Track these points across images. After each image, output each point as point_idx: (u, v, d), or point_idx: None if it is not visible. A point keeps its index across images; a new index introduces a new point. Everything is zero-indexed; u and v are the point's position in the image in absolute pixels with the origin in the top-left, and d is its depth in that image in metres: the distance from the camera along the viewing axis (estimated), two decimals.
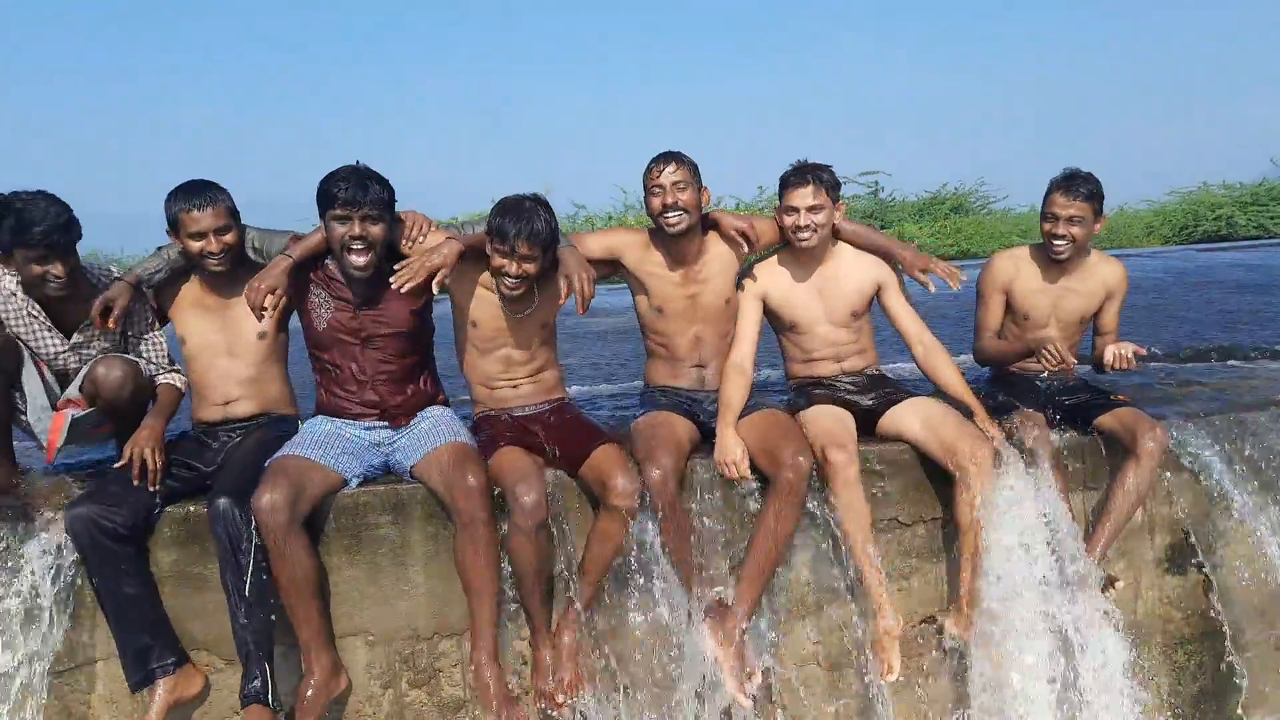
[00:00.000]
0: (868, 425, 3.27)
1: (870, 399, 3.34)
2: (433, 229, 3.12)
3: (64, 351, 3.06)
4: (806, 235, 3.25)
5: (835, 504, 3.01)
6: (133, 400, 2.98)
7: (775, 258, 3.44)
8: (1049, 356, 3.22)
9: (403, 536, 2.96)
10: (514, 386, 3.21)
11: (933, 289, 3.35)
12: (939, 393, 3.33)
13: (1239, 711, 3.50)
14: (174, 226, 3.01)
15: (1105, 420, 3.32)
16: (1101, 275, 3.58)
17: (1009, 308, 3.62)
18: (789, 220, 3.26)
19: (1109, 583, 3.25)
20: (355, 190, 2.87)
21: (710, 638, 2.95)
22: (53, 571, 2.78)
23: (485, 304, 3.12)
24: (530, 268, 2.98)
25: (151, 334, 3.18)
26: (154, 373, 3.15)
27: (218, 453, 3.07)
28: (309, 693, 2.76)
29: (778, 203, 3.36)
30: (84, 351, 3.08)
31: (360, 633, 2.97)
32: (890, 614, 3.05)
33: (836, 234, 3.40)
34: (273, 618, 2.76)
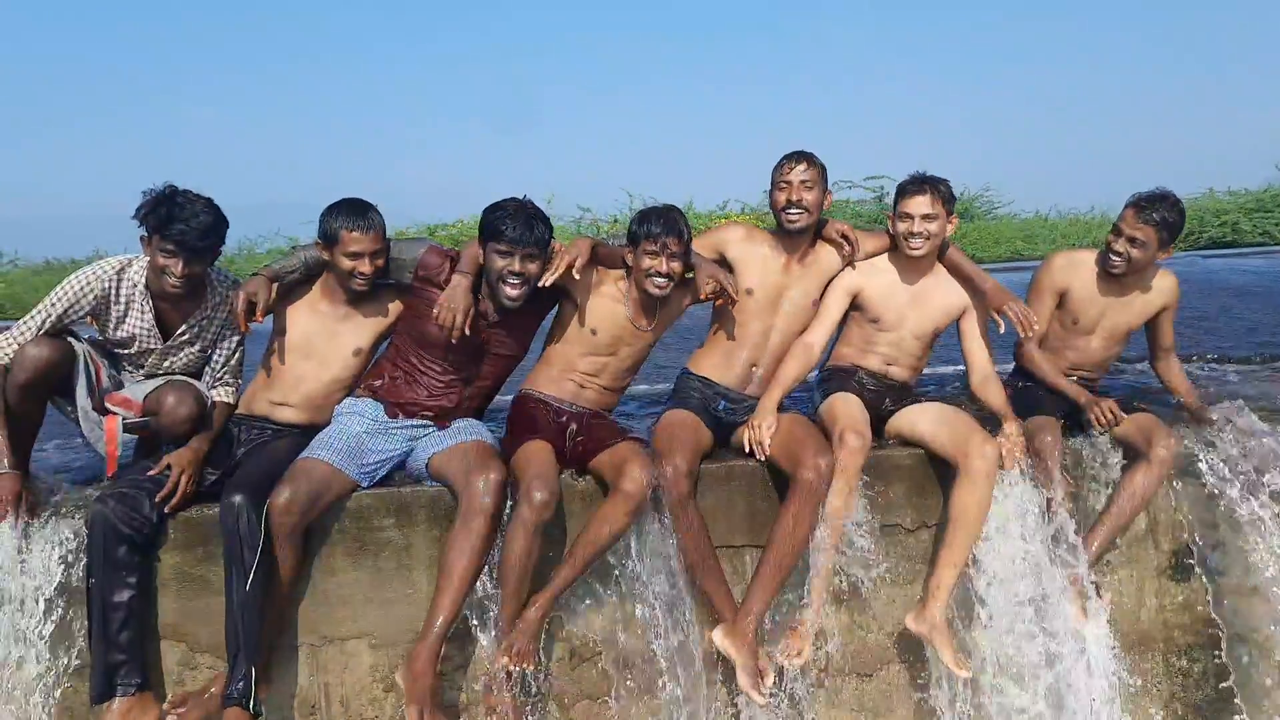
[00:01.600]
0: (876, 430, 3.29)
1: (891, 404, 3.39)
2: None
3: (155, 351, 3.08)
4: (919, 243, 3.29)
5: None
6: (186, 435, 2.99)
7: (881, 258, 3.47)
8: (1099, 419, 3.29)
9: (406, 540, 2.97)
10: (582, 386, 3.27)
11: (1002, 329, 3.37)
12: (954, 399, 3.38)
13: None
14: (330, 240, 3.05)
15: (1120, 425, 3.32)
16: (1157, 288, 3.56)
17: (1058, 307, 3.59)
18: (903, 226, 3.31)
19: (1095, 591, 3.24)
20: (523, 230, 2.99)
21: (725, 637, 2.97)
22: (58, 573, 2.80)
23: (611, 315, 3.24)
24: (677, 266, 3.14)
25: (236, 345, 3.17)
26: (212, 385, 3.14)
27: (239, 447, 3.09)
28: (207, 694, 2.82)
29: (890, 210, 3.42)
30: (172, 357, 3.11)
31: (363, 636, 2.98)
32: (818, 609, 3.05)
33: (941, 252, 3.44)
34: (264, 621, 2.77)
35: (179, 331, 3.08)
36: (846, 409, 3.19)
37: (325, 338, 3.18)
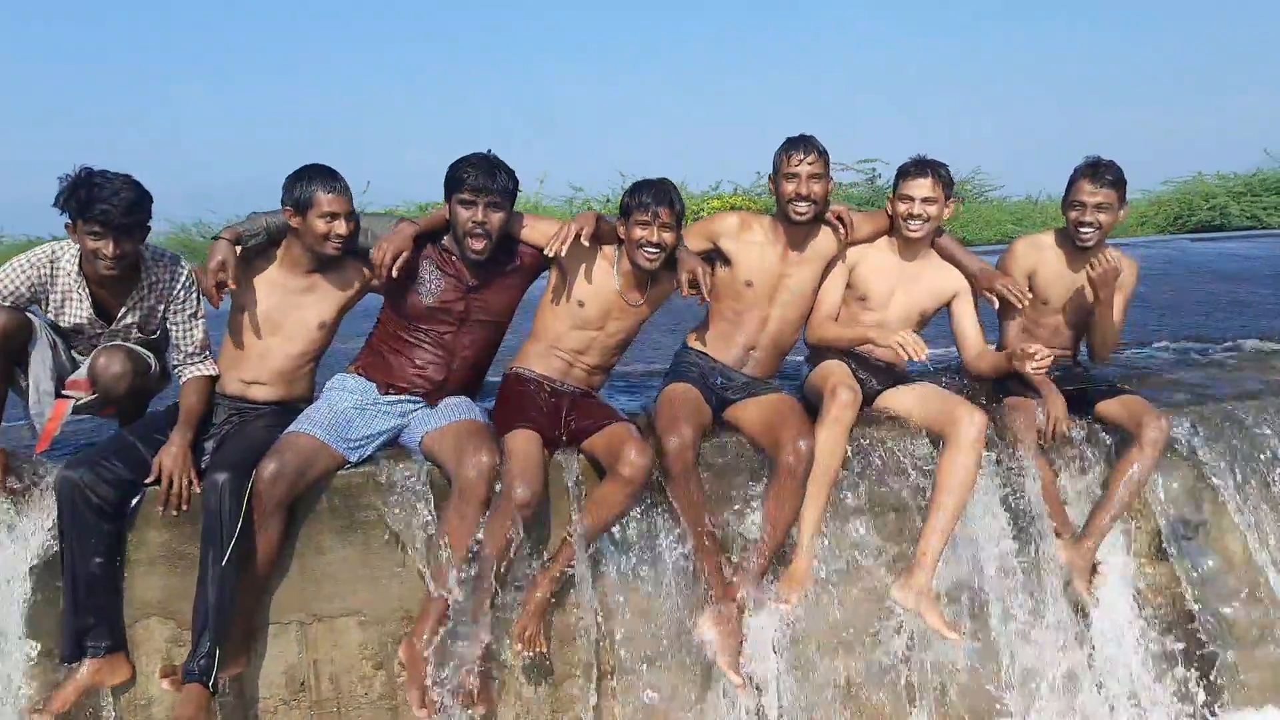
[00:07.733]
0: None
1: (878, 384, 3.44)
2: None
3: (100, 335, 3.03)
4: (917, 225, 3.35)
5: (817, 437, 3.06)
6: (129, 392, 2.98)
7: (878, 239, 3.52)
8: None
9: (396, 518, 2.95)
10: (571, 365, 3.28)
11: (995, 306, 3.47)
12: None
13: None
14: (303, 205, 3.01)
15: (1108, 406, 3.36)
16: (1120, 268, 3.58)
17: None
18: (903, 208, 3.36)
19: (1092, 571, 3.28)
20: (484, 177, 3.01)
21: (708, 619, 2.99)
22: (47, 544, 2.80)
23: (601, 288, 3.23)
24: (668, 237, 3.12)
25: (191, 319, 3.10)
26: (176, 362, 3.11)
27: (218, 428, 3.08)
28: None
29: (890, 193, 3.46)
30: (119, 339, 3.04)
31: (353, 613, 2.99)
32: (808, 561, 3.08)
33: (934, 239, 3.49)
34: (235, 600, 2.76)
35: (120, 315, 3.03)
36: (839, 367, 3.26)
37: (288, 312, 3.15)
